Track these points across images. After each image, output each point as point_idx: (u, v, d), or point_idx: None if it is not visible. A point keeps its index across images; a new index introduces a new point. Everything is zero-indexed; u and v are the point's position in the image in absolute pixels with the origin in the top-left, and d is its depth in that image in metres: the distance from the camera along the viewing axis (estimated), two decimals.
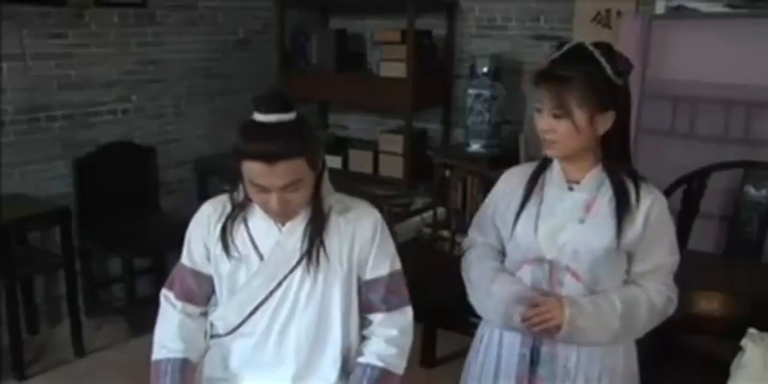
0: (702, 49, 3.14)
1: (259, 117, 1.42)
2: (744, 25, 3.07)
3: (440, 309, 2.75)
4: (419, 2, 3.72)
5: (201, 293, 1.65)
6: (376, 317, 1.63)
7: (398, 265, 1.64)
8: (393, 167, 3.96)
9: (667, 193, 2.99)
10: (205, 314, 1.67)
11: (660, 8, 3.23)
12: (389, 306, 1.62)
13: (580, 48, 1.51)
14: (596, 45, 1.50)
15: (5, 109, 3.07)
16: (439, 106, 4.08)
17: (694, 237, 2.99)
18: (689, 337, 1.91)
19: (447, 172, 3.61)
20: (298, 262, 1.54)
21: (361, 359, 1.60)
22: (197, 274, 1.63)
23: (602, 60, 1.47)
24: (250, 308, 1.57)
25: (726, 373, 1.81)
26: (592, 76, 1.47)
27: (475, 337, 1.77)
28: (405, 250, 3.41)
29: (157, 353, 1.62)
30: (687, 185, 2.99)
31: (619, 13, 3.36)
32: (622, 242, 1.52)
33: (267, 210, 1.50)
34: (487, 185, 3.31)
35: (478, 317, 1.75)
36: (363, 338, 1.64)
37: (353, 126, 4.52)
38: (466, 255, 1.78)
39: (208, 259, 1.60)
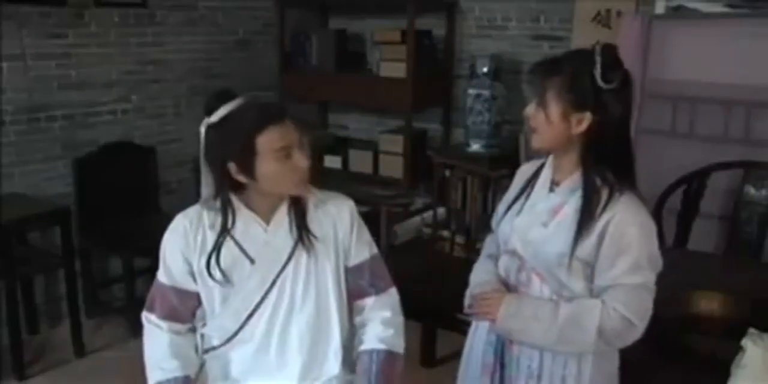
0: (702, 49, 3.14)
1: (229, 106, 1.48)
2: (744, 25, 3.07)
3: (440, 309, 2.75)
4: (419, 2, 3.72)
5: (185, 310, 1.60)
6: (367, 302, 1.66)
7: (376, 249, 1.69)
8: (393, 167, 3.96)
9: (667, 193, 2.99)
10: (192, 330, 1.64)
11: (660, 8, 3.23)
12: (377, 289, 1.66)
13: (592, 47, 1.49)
14: (604, 47, 1.48)
15: (5, 109, 3.07)
16: (439, 106, 4.08)
17: (694, 237, 3.00)
18: (689, 337, 1.91)
19: (447, 172, 3.61)
20: (289, 258, 1.55)
21: (363, 347, 1.62)
22: (179, 292, 1.58)
23: (598, 62, 1.45)
24: (246, 313, 1.56)
25: (726, 373, 1.80)
26: (579, 73, 1.46)
27: None
28: (405, 250, 3.42)
29: (154, 376, 1.57)
30: (687, 185, 2.99)
31: (619, 13, 3.36)
32: (576, 252, 1.49)
33: (292, 177, 1.48)
34: (487, 185, 3.32)
35: None
36: (356, 327, 1.66)
37: (353, 126, 4.52)
38: (484, 242, 1.85)
39: (191, 274, 1.57)
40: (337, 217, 1.62)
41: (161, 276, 1.60)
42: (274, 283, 1.55)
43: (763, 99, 3.04)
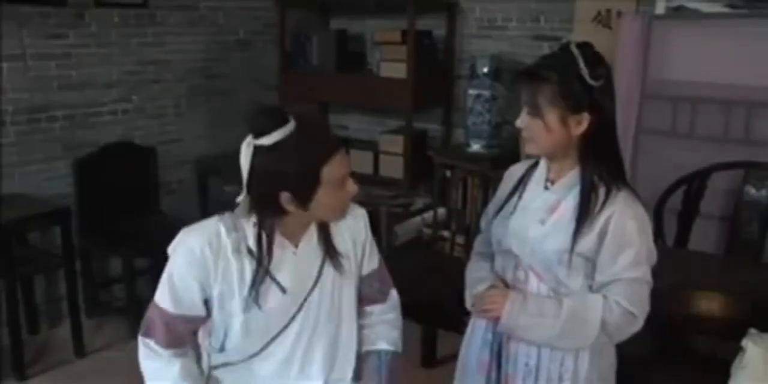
0: (702, 50, 3.14)
1: (286, 129, 1.34)
2: (744, 25, 3.07)
3: (440, 309, 2.75)
4: (419, 2, 3.72)
5: (188, 335, 1.52)
6: (376, 308, 1.67)
7: (380, 255, 1.68)
8: (393, 168, 3.96)
9: (668, 193, 2.99)
10: (195, 344, 1.56)
11: (660, 8, 3.23)
12: (383, 295, 1.68)
13: (564, 48, 1.50)
14: (579, 46, 1.48)
15: (6, 110, 3.07)
16: (439, 106, 4.08)
17: (694, 237, 3.00)
18: (690, 337, 1.91)
19: (447, 173, 3.62)
20: (317, 279, 1.51)
21: (371, 347, 1.64)
22: (187, 319, 1.47)
23: (581, 62, 1.45)
24: (271, 335, 1.50)
25: (727, 374, 1.80)
26: (567, 77, 1.45)
27: None
28: (405, 250, 3.42)
29: None
30: (687, 185, 2.99)
31: (619, 14, 3.36)
32: (576, 248, 1.50)
33: (344, 205, 1.48)
34: (488, 185, 3.33)
35: None
36: (359, 328, 1.66)
37: (353, 126, 4.52)
38: (474, 241, 1.85)
39: (205, 301, 1.46)
40: (354, 230, 1.59)
41: (166, 304, 1.45)
42: (301, 306, 1.50)
43: (763, 99, 3.04)
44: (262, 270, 1.43)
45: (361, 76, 4.08)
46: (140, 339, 1.51)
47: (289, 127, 1.34)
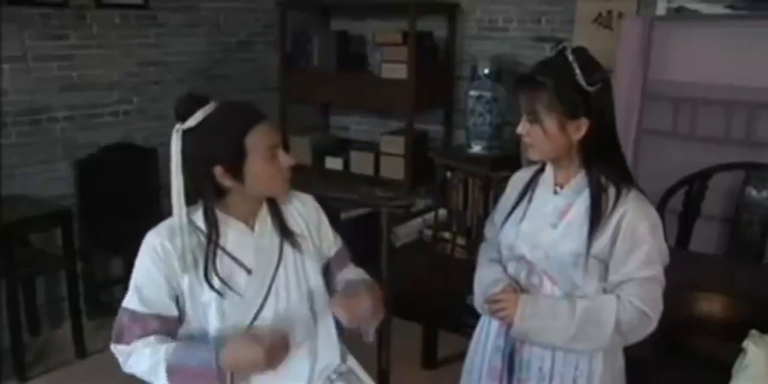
0: (703, 51, 3.14)
1: (207, 109, 1.45)
2: (745, 26, 3.06)
3: (441, 310, 2.75)
4: (420, 4, 3.72)
5: (166, 333, 1.51)
6: (348, 268, 1.75)
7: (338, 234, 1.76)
8: (394, 169, 3.96)
9: (669, 194, 2.99)
10: None
11: (661, 10, 3.23)
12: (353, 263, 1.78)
13: (559, 54, 1.50)
14: (574, 51, 1.49)
15: (7, 111, 3.08)
16: (440, 107, 4.08)
17: (695, 238, 2.99)
18: (690, 338, 1.91)
19: (448, 174, 3.61)
20: (279, 259, 1.55)
21: (341, 277, 1.70)
22: (161, 318, 1.49)
23: (576, 67, 1.45)
24: (247, 323, 1.51)
25: (727, 375, 1.80)
26: (563, 83, 1.46)
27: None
28: (406, 251, 3.42)
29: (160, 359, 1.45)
30: (688, 186, 2.99)
31: (620, 15, 3.36)
32: (592, 250, 1.50)
33: (279, 177, 1.50)
34: (489, 187, 3.32)
35: (479, 317, 1.76)
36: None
37: (354, 127, 4.52)
38: (480, 248, 1.84)
39: (176, 298, 1.49)
40: (303, 212, 1.65)
41: (135, 305, 1.49)
42: (270, 287, 1.53)
43: (764, 100, 3.04)
44: (212, 244, 1.48)
45: (362, 78, 4.08)
46: (113, 348, 1.51)
47: (211, 106, 1.45)
